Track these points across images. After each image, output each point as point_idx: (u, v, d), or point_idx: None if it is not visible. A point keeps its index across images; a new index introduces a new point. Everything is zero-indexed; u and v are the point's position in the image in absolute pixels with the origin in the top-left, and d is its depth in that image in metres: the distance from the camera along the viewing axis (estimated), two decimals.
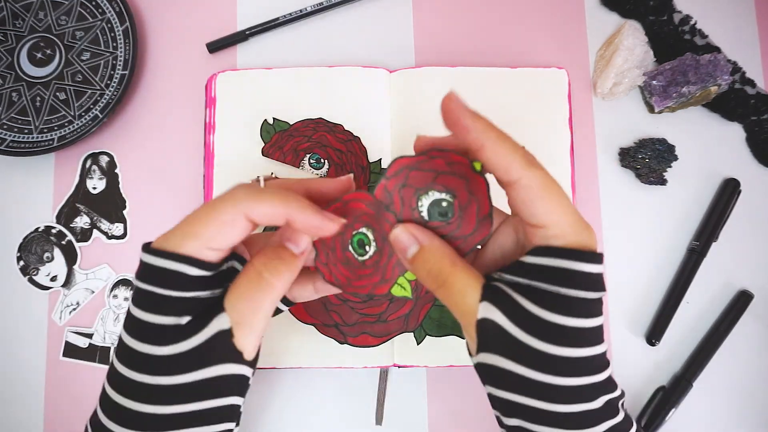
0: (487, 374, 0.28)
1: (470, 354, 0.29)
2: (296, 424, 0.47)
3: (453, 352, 0.46)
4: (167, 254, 0.27)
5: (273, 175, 0.47)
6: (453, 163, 0.29)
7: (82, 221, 0.49)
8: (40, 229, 0.49)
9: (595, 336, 0.26)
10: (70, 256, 0.49)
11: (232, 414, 0.29)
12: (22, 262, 0.49)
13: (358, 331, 0.45)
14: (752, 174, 0.51)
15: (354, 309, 0.46)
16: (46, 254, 0.49)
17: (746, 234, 0.50)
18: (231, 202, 0.27)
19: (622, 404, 0.28)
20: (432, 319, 0.46)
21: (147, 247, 0.28)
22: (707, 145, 0.51)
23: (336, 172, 0.48)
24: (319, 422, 0.47)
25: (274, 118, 0.48)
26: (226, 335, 0.27)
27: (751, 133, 0.51)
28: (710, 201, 0.50)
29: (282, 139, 0.48)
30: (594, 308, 0.26)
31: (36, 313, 0.48)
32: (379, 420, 0.46)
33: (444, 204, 0.29)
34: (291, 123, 0.48)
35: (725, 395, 0.48)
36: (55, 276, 0.49)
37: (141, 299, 0.27)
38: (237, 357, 0.27)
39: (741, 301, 0.48)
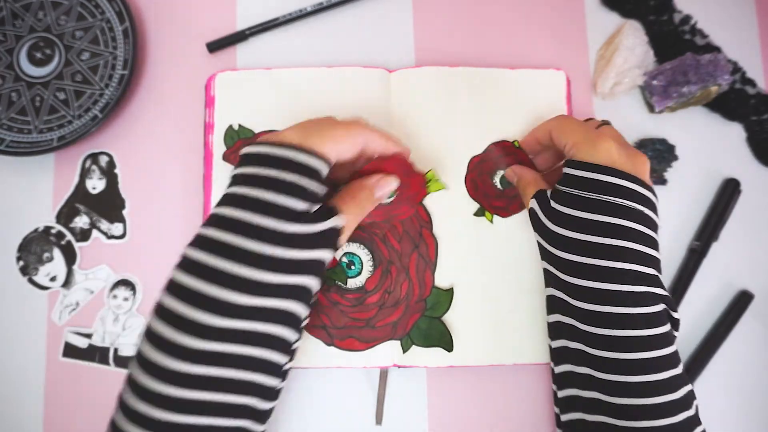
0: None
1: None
2: (296, 424, 0.47)
3: (453, 352, 0.46)
4: (311, 153, 0.34)
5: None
6: (506, 149, 0.48)
7: (81, 221, 0.49)
8: (39, 229, 0.49)
9: (594, 227, 0.35)
10: (70, 256, 0.49)
11: (308, 296, 0.35)
12: (21, 262, 0.49)
13: (345, 335, 0.45)
14: (752, 174, 0.51)
15: (344, 312, 0.45)
16: (46, 254, 0.49)
17: (746, 234, 0.50)
18: (358, 129, 0.37)
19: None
20: (420, 328, 0.46)
21: (292, 147, 0.34)
22: (707, 145, 0.51)
23: None
24: (319, 422, 0.47)
25: (239, 125, 0.48)
26: (337, 231, 0.35)
27: (752, 133, 0.51)
28: (710, 201, 0.50)
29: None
30: (592, 205, 0.35)
31: (35, 313, 0.48)
32: (379, 420, 0.46)
33: None
34: (256, 132, 0.48)
35: (725, 395, 0.48)
36: (55, 276, 0.49)
37: (284, 187, 0.33)
38: (336, 247, 0.36)
39: (741, 301, 0.48)
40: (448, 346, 0.45)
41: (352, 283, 0.46)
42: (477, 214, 0.47)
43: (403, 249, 0.46)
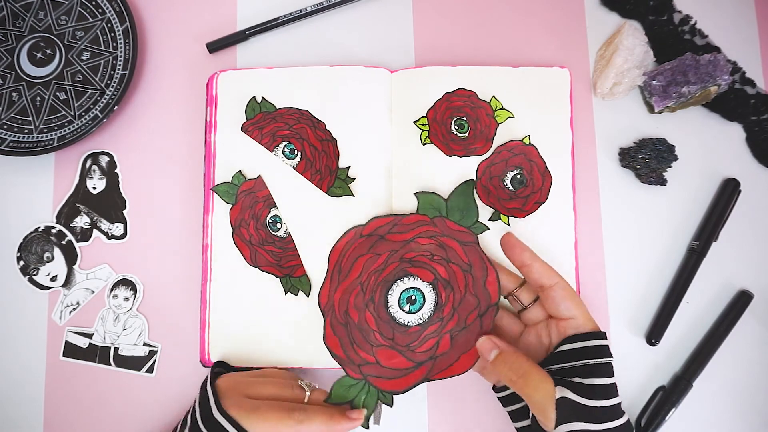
0: None
1: (544, 428, 0.36)
2: None
3: None
4: None
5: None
6: (514, 149, 0.47)
7: (82, 221, 0.49)
8: (40, 229, 0.49)
9: (616, 389, 0.37)
10: (70, 256, 0.49)
11: None
12: (22, 262, 0.49)
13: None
14: (752, 174, 0.51)
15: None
16: (46, 254, 0.49)
17: (746, 234, 0.50)
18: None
19: None
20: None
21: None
22: (707, 145, 0.51)
23: (305, 167, 0.48)
24: None
25: (262, 98, 0.48)
26: None
27: (751, 133, 0.51)
28: (710, 201, 0.50)
29: (264, 120, 0.48)
30: (612, 370, 0.37)
31: (36, 313, 0.48)
32: (377, 420, 0.46)
33: (518, 176, 0.47)
34: (278, 107, 0.48)
35: (725, 395, 0.48)
36: (55, 276, 0.49)
37: None
38: None
39: (741, 301, 0.48)
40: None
41: (415, 318, 0.41)
42: (492, 218, 0.47)
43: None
